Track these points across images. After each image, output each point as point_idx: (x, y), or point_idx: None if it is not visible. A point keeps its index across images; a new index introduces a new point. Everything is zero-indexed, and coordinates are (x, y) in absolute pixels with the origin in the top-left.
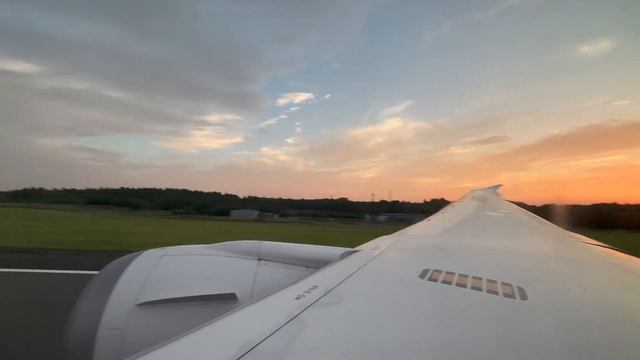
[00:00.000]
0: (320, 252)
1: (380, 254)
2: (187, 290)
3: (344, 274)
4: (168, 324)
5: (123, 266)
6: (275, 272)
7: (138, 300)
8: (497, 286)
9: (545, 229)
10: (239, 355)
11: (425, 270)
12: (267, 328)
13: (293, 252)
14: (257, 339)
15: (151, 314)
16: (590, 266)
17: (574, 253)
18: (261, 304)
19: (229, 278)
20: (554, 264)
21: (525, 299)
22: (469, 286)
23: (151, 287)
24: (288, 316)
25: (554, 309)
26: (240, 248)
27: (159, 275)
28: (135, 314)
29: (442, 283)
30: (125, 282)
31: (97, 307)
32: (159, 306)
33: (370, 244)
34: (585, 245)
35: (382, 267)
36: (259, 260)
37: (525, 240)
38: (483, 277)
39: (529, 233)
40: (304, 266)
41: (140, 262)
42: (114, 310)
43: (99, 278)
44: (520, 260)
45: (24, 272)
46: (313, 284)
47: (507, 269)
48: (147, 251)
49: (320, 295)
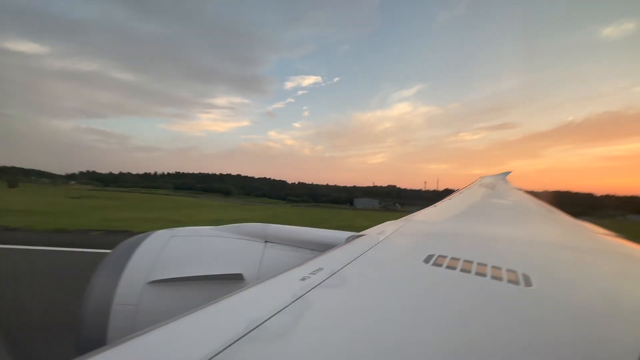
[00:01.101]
0: (325, 235)
1: (386, 239)
2: (196, 269)
3: (349, 257)
4: (178, 301)
5: (134, 245)
6: (281, 254)
7: (149, 278)
8: (501, 273)
9: (554, 217)
10: (246, 331)
11: (430, 256)
12: (273, 307)
13: (299, 235)
14: (263, 317)
15: (161, 292)
16: (597, 255)
17: (581, 242)
18: (267, 284)
19: (236, 259)
20: (560, 252)
21: (529, 285)
22: (473, 272)
23: (161, 266)
24: (293, 296)
25: (558, 297)
26: (248, 230)
27: (169, 254)
28: (147, 291)
29: (446, 268)
30: (136, 260)
31: (110, 284)
32: (168, 284)
33: (375, 228)
34: (594, 234)
35: (386, 251)
36: (266, 242)
37: (533, 228)
38: (488, 264)
39: (537, 221)
40: (309, 249)
41: (151, 242)
42: (126, 287)
43: (112, 257)
44: (526, 247)
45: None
46: (318, 266)
47: (513, 256)
48: (157, 232)
49: (325, 277)
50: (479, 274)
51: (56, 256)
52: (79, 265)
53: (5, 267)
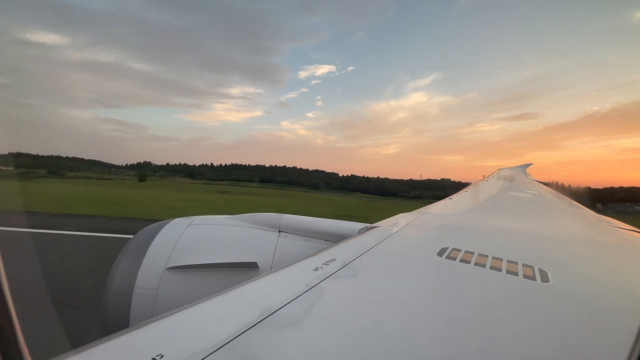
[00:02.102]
0: (339, 226)
1: (399, 231)
2: (212, 257)
3: (361, 249)
4: (195, 287)
5: (154, 233)
6: (295, 244)
7: (168, 265)
8: (517, 267)
9: (575, 212)
10: (260, 318)
11: (443, 249)
12: (286, 295)
13: (312, 226)
14: (277, 305)
15: (180, 277)
16: (618, 251)
17: (602, 237)
18: (281, 273)
19: (251, 248)
20: (580, 247)
21: (546, 281)
22: (487, 266)
23: (179, 253)
24: (306, 286)
25: (575, 294)
26: (262, 220)
27: (187, 242)
28: (166, 276)
29: (460, 262)
30: (156, 247)
31: (132, 269)
32: (187, 271)
33: (389, 220)
34: (616, 230)
35: (400, 243)
36: (280, 232)
37: (553, 222)
38: (504, 258)
39: (557, 215)
40: (322, 239)
41: (170, 229)
42: (147, 272)
43: (133, 243)
44: (545, 242)
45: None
46: (331, 257)
47: (531, 250)
48: (175, 220)
49: (337, 268)
50: (493, 268)
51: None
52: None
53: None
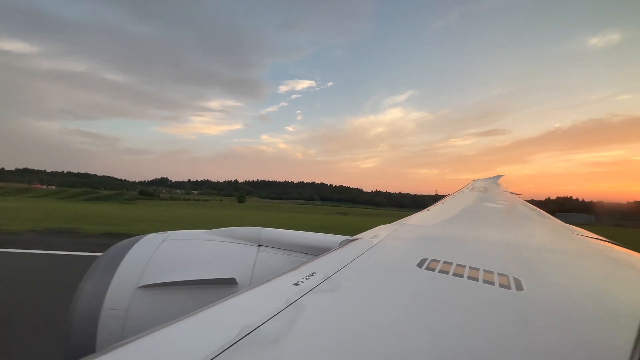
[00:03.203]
0: (319, 239)
1: (379, 243)
2: (188, 274)
3: (342, 262)
4: (169, 306)
5: (125, 249)
6: (275, 258)
7: (140, 283)
8: (493, 277)
9: (544, 221)
10: (238, 337)
11: (423, 260)
12: (266, 312)
13: (293, 239)
14: (256, 323)
15: (153, 296)
16: (586, 259)
17: (571, 246)
18: (260, 289)
19: (229, 263)
20: (551, 256)
21: (520, 289)
22: (465, 276)
23: (153, 270)
24: (287, 301)
25: (549, 301)
26: (241, 234)
27: (161, 258)
28: (138, 296)
29: (439, 272)
30: (127, 265)
31: (100, 289)
32: (160, 289)
33: (369, 232)
34: (584, 239)
35: (380, 256)
36: (259, 246)
37: (524, 231)
38: (480, 268)
39: (528, 225)
40: (303, 253)
41: (142, 245)
42: (116, 292)
43: (102, 261)
44: (517, 251)
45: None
46: (312, 271)
47: (505, 260)
48: (149, 235)
49: (318, 282)
50: (471, 278)
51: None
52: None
53: None
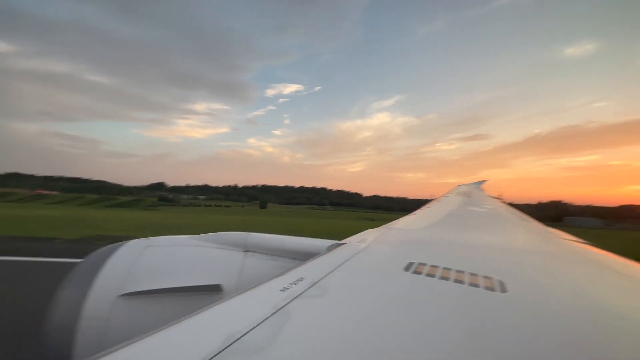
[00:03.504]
0: (307, 244)
1: (367, 247)
2: (172, 281)
3: (330, 266)
4: (152, 315)
5: (106, 256)
6: (262, 264)
7: (121, 291)
8: (478, 279)
9: (525, 224)
10: (224, 346)
11: (410, 263)
12: (252, 319)
13: (280, 244)
14: (242, 330)
15: (135, 305)
16: (566, 260)
17: (551, 248)
18: (247, 296)
19: (214, 269)
20: (532, 258)
21: (504, 291)
22: (451, 279)
23: (135, 278)
24: (274, 308)
25: (532, 302)
26: (227, 239)
27: (143, 265)
28: (119, 304)
29: (426, 276)
30: (108, 272)
31: (78, 297)
32: (143, 297)
33: (357, 237)
34: (562, 241)
35: (368, 260)
36: (246, 251)
37: (507, 235)
38: (465, 271)
39: (510, 228)
40: (291, 258)
41: (124, 252)
42: (96, 300)
43: (81, 268)
44: (501, 254)
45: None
46: (299, 276)
47: (489, 262)
48: (131, 241)
49: (306, 287)
50: (457, 281)
51: None
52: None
53: None
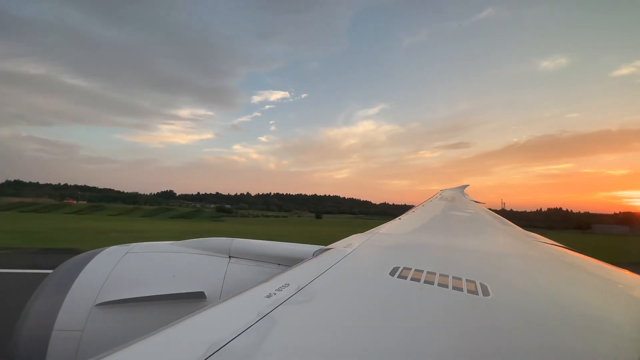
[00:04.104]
0: (293, 249)
1: (352, 252)
2: (153, 289)
3: (316, 272)
4: (131, 324)
5: (82, 263)
6: (247, 270)
7: (98, 300)
8: (462, 283)
9: (506, 229)
10: (206, 355)
11: (395, 268)
12: (236, 327)
13: (265, 250)
14: (225, 339)
15: (112, 314)
16: (545, 263)
17: (531, 252)
18: (230, 303)
19: (197, 276)
20: (514, 261)
21: (487, 295)
22: (436, 283)
23: (113, 286)
24: (258, 315)
25: (513, 305)
26: (211, 245)
27: (122, 273)
28: (95, 314)
29: (411, 280)
30: (84, 280)
31: (51, 307)
32: (121, 306)
33: (343, 242)
34: (542, 245)
35: (353, 265)
36: (230, 257)
37: (489, 239)
38: (449, 275)
39: (492, 232)
40: (276, 264)
41: (102, 259)
42: (70, 310)
43: (55, 276)
44: (483, 258)
45: None
46: (285, 282)
47: (472, 266)
48: (110, 248)
49: (291, 293)
50: (441, 285)
51: None
52: None
53: None
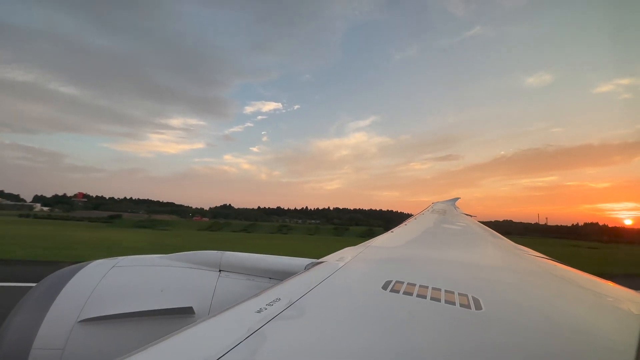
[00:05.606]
0: (284, 263)
1: (345, 266)
2: (140, 304)
3: (308, 286)
4: (115, 341)
5: (66, 278)
6: (237, 284)
7: (81, 317)
8: (454, 297)
9: (497, 242)
10: None
11: (387, 282)
12: (225, 343)
13: (256, 263)
14: (214, 356)
15: (96, 331)
16: (536, 277)
17: (522, 265)
18: (220, 318)
19: (186, 290)
20: (505, 275)
21: (479, 308)
22: (428, 297)
23: (98, 301)
24: (248, 330)
25: (505, 319)
26: (201, 259)
27: (108, 287)
28: (77, 331)
29: (403, 294)
30: (67, 295)
31: (31, 324)
32: (105, 322)
33: (335, 255)
34: (531, 257)
35: (346, 279)
36: (220, 271)
37: (480, 252)
38: (442, 288)
39: (483, 245)
40: (267, 278)
41: (87, 273)
42: (51, 327)
43: (37, 290)
44: (475, 271)
45: None
46: (276, 296)
47: (464, 280)
48: (96, 261)
49: (283, 308)
50: (434, 299)
51: None
52: None
53: None
